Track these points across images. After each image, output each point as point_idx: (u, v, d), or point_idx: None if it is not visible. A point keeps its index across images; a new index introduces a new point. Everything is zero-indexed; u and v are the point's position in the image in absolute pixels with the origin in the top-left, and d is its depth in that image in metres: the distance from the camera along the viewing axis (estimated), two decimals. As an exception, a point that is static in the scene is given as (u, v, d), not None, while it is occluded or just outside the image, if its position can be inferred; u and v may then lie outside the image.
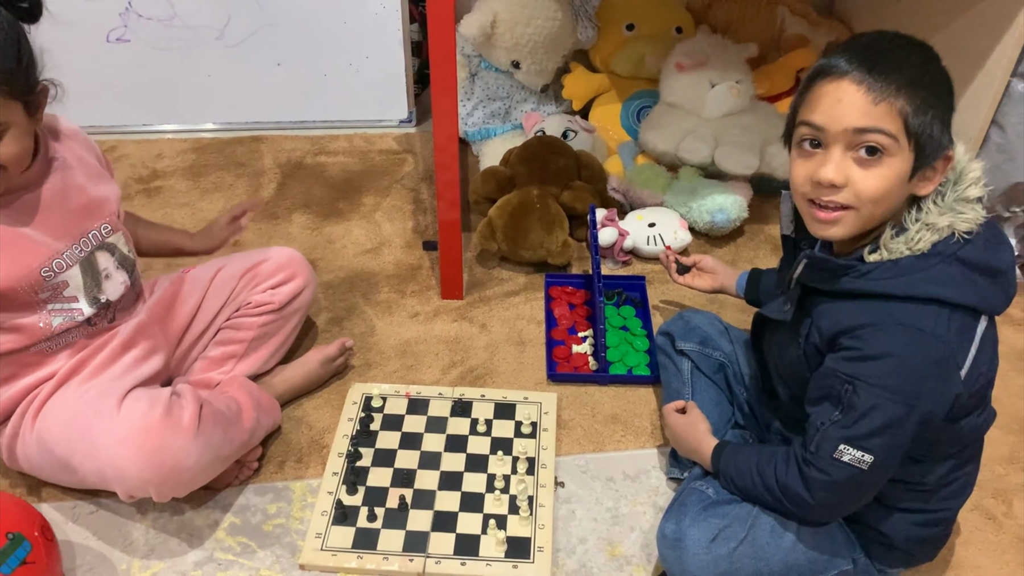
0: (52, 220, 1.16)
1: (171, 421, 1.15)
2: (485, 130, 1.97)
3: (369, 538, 1.23)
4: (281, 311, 1.41)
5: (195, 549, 1.23)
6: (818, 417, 1.00)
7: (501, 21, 1.85)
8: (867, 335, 0.95)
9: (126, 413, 1.16)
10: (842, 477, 0.98)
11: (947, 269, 0.95)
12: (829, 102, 0.94)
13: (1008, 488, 1.35)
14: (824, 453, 0.99)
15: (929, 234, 0.95)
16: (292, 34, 1.99)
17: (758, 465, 1.08)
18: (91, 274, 1.22)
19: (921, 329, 0.93)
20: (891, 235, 0.96)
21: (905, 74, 0.92)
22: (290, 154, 2.04)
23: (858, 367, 0.96)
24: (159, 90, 2.05)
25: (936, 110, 0.92)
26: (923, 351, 0.94)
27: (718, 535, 1.06)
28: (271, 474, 1.34)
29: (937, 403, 0.96)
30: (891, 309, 0.95)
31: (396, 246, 1.78)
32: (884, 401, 0.94)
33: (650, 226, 1.71)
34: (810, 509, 1.03)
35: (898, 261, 0.95)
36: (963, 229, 0.95)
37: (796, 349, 1.06)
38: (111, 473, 1.13)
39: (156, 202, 1.88)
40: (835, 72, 0.93)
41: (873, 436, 0.96)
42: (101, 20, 1.95)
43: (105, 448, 1.13)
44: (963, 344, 0.95)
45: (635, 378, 1.49)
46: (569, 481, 1.34)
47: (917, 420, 0.95)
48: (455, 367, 1.52)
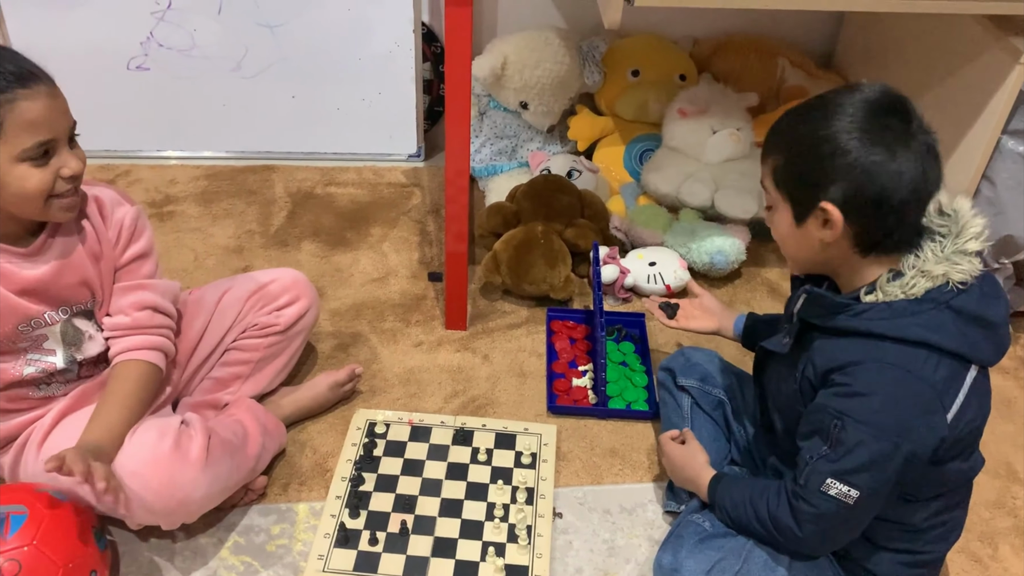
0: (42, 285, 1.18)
1: (180, 454, 1.17)
2: (492, 167, 2.02)
3: (370, 561, 1.26)
4: (286, 332, 1.45)
5: (200, 568, 1.26)
6: (808, 451, 1.04)
7: (511, 63, 1.91)
8: (857, 372, 1.00)
9: (135, 445, 1.17)
10: (829, 510, 1.02)
11: (939, 315, 0.99)
12: None
13: (994, 532, 1.38)
14: (812, 486, 1.02)
15: (924, 280, 0.99)
16: (307, 68, 2.05)
17: (751, 498, 1.11)
18: (72, 333, 1.23)
19: (909, 370, 0.98)
20: (887, 278, 1.01)
21: (774, 138, 1.07)
22: (301, 184, 2.09)
23: (847, 403, 1.00)
24: (175, 117, 2.10)
25: (796, 168, 1.03)
26: (909, 391, 0.98)
27: (713, 567, 1.09)
28: (275, 495, 1.36)
29: (922, 444, 0.99)
30: (882, 349, 0.99)
31: (402, 276, 1.82)
32: (870, 438, 0.99)
33: (651, 265, 1.75)
34: (799, 541, 1.07)
35: (892, 304, 1.00)
36: (957, 279, 0.99)
37: (792, 383, 1.10)
38: (119, 504, 1.15)
39: (168, 226, 1.92)
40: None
41: (859, 472, 1.00)
42: (123, 49, 2.00)
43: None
44: (950, 389, 0.99)
45: (634, 413, 1.52)
46: (567, 512, 1.36)
47: (902, 459, 0.99)
48: (457, 396, 1.55)
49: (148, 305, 1.26)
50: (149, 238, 1.29)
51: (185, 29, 1.99)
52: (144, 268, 1.28)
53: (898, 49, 1.83)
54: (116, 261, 1.25)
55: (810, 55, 2.14)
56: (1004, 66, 1.45)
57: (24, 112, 1.05)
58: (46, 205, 1.12)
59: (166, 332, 1.29)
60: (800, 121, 1.03)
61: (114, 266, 1.25)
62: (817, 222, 1.02)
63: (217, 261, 1.83)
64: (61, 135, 1.10)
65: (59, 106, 1.10)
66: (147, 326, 1.26)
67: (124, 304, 1.25)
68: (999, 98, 1.47)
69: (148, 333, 1.25)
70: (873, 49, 1.96)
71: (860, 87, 1.01)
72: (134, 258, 1.26)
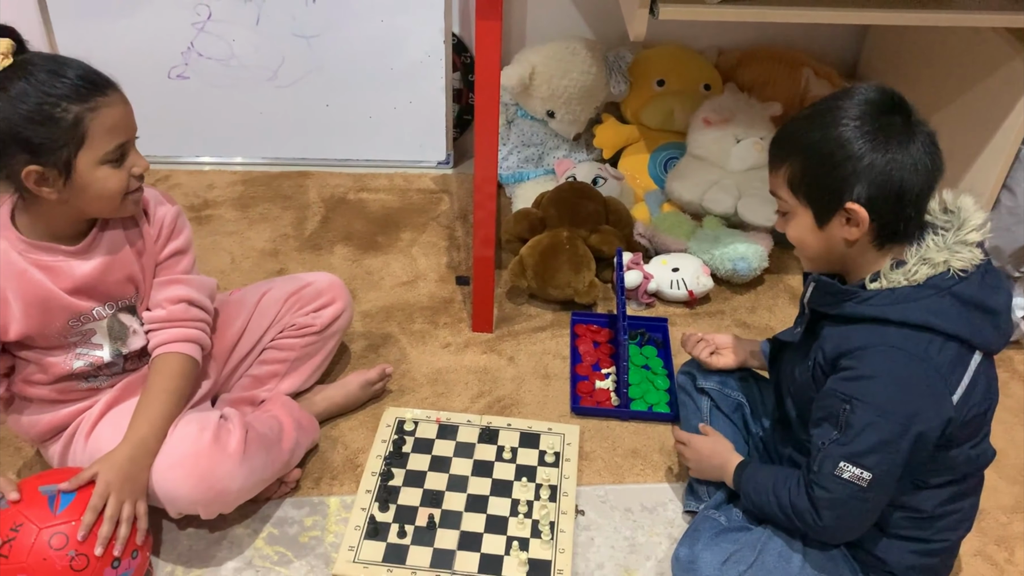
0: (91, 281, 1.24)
1: (219, 447, 1.23)
2: (519, 174, 2.07)
3: (399, 553, 1.30)
4: (322, 333, 1.50)
5: (235, 557, 1.31)
6: (820, 438, 1.08)
7: (539, 73, 1.96)
8: (864, 356, 1.04)
9: (177, 437, 1.23)
10: (844, 494, 1.06)
11: (940, 301, 1.03)
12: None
13: (1011, 536, 1.40)
14: (826, 471, 1.07)
15: (926, 268, 1.04)
16: (341, 77, 2.12)
17: (774, 485, 1.15)
18: (118, 328, 1.29)
19: (913, 353, 1.02)
20: (890, 266, 1.06)
21: (786, 147, 1.11)
22: (334, 189, 2.15)
23: (854, 386, 1.05)
24: (214, 125, 2.17)
25: (815, 173, 1.07)
26: (914, 373, 1.02)
27: (729, 558, 1.13)
28: (308, 489, 1.42)
29: (929, 425, 1.03)
30: (887, 333, 1.04)
31: (431, 280, 1.87)
32: (879, 419, 1.03)
33: (674, 271, 1.79)
34: (820, 530, 1.10)
35: (895, 289, 1.05)
36: (958, 267, 1.04)
37: (805, 372, 1.15)
38: (163, 494, 1.21)
39: (206, 230, 1.99)
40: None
41: (870, 453, 1.04)
42: (164, 58, 2.08)
43: (158, 471, 1.21)
44: (955, 372, 1.04)
45: (655, 415, 1.56)
46: (589, 510, 1.40)
47: (911, 440, 1.03)
48: (483, 396, 1.60)
49: (183, 299, 1.32)
50: (187, 236, 1.35)
51: (224, 40, 2.06)
52: (181, 264, 1.33)
53: (921, 60, 1.86)
54: (156, 257, 1.31)
55: (835, 66, 2.17)
56: (1022, 77, 1.47)
57: (105, 119, 1.12)
58: (122, 202, 1.19)
59: (201, 325, 1.34)
60: (808, 128, 1.07)
61: (155, 262, 1.31)
62: (840, 222, 1.07)
63: (253, 264, 1.89)
64: (133, 137, 1.18)
65: (130, 111, 1.18)
66: (182, 319, 1.32)
67: (161, 298, 1.31)
68: (1019, 109, 1.49)
69: (183, 326, 1.31)
70: (897, 60, 1.99)
71: (857, 90, 1.06)
72: (172, 254, 1.32)
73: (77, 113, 1.10)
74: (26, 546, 1.06)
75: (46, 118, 1.09)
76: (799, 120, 1.11)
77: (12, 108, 1.08)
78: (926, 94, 1.82)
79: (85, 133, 1.11)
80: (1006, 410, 1.62)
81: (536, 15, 2.13)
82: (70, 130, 1.10)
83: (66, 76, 1.10)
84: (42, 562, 1.06)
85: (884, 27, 2.04)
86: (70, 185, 1.14)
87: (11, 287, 1.18)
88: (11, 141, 1.09)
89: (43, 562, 1.06)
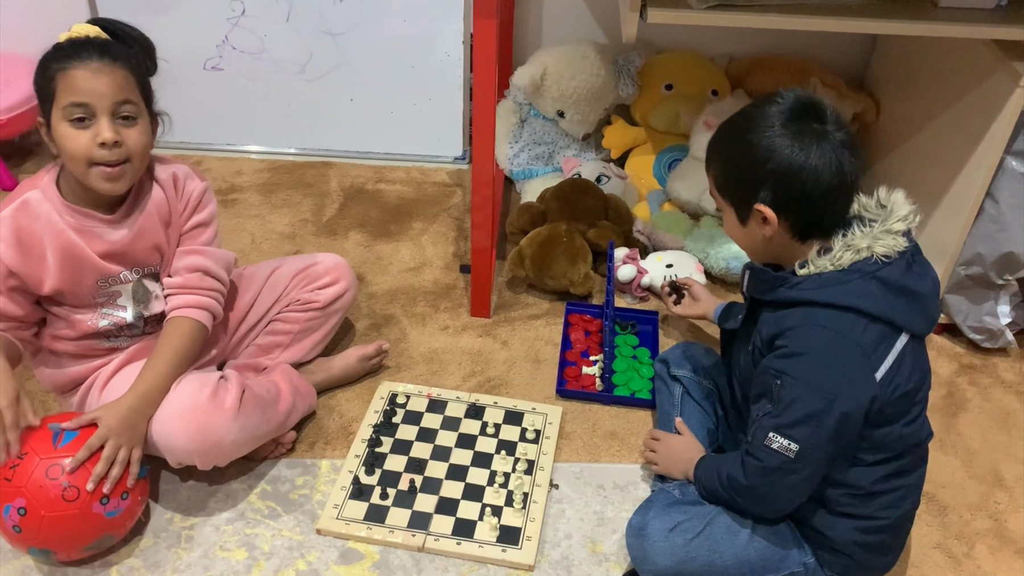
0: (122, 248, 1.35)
1: (216, 403, 1.33)
2: (528, 170, 2.16)
3: (379, 513, 1.40)
4: (325, 309, 1.60)
5: (230, 508, 1.42)
6: (756, 411, 1.16)
7: (550, 74, 2.04)
8: (793, 335, 1.12)
9: (178, 393, 1.34)
10: (773, 464, 1.13)
11: (865, 284, 1.10)
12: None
13: (972, 532, 1.44)
14: (757, 441, 1.14)
15: (850, 253, 1.11)
16: (365, 74, 2.23)
17: (719, 466, 1.23)
18: (142, 292, 1.41)
19: (838, 332, 1.09)
20: (817, 253, 1.13)
21: (711, 153, 1.20)
22: (353, 180, 2.26)
23: (785, 363, 1.12)
24: (244, 115, 2.30)
25: (731, 177, 1.17)
26: (839, 351, 1.09)
27: (676, 526, 1.20)
28: (302, 452, 1.52)
29: (853, 400, 1.09)
30: (814, 314, 1.11)
31: (436, 267, 1.96)
32: (805, 393, 1.10)
33: (668, 267, 1.86)
34: (747, 492, 1.17)
35: (822, 274, 1.12)
36: (880, 252, 1.11)
37: (747, 356, 1.22)
38: (163, 443, 1.32)
39: (231, 212, 2.11)
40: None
41: (796, 425, 1.10)
42: (200, 51, 2.22)
43: (159, 421, 1.31)
44: (877, 350, 1.10)
45: (637, 401, 1.63)
46: (563, 484, 1.48)
47: (837, 415, 1.09)
48: (474, 376, 1.68)
49: (200, 268, 1.42)
50: (212, 211, 1.45)
51: (257, 34, 2.19)
52: (203, 236, 1.44)
53: (921, 71, 1.90)
54: (180, 228, 1.42)
55: (843, 75, 2.21)
56: (1006, 89, 1.51)
57: (72, 79, 1.24)
58: (88, 171, 1.26)
59: (215, 295, 1.44)
60: (729, 134, 1.17)
61: (179, 232, 1.42)
62: (757, 220, 1.15)
63: (272, 245, 2.01)
64: (101, 105, 1.24)
65: (107, 80, 1.24)
66: (197, 287, 1.42)
67: (180, 266, 1.42)
68: (1001, 119, 1.53)
69: (198, 293, 1.42)
70: (901, 71, 2.03)
71: (778, 96, 1.14)
72: (195, 226, 1.43)
73: (54, 69, 1.24)
74: (27, 472, 1.19)
75: (40, 72, 1.26)
76: (724, 125, 1.20)
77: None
78: (923, 105, 1.86)
79: (55, 89, 1.24)
80: (985, 414, 1.66)
81: (553, 19, 2.22)
82: (47, 84, 1.25)
83: (76, 42, 1.26)
84: (38, 488, 1.18)
85: (892, 39, 2.08)
86: (52, 140, 1.28)
87: (50, 245, 1.30)
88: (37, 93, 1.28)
89: (39, 488, 1.18)
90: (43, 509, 1.19)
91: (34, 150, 2.29)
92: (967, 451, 1.58)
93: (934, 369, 1.75)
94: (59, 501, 1.19)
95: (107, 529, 1.25)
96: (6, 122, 2.07)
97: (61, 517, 1.19)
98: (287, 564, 1.33)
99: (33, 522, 1.19)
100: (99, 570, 1.31)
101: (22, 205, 1.30)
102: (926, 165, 1.82)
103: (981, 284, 1.70)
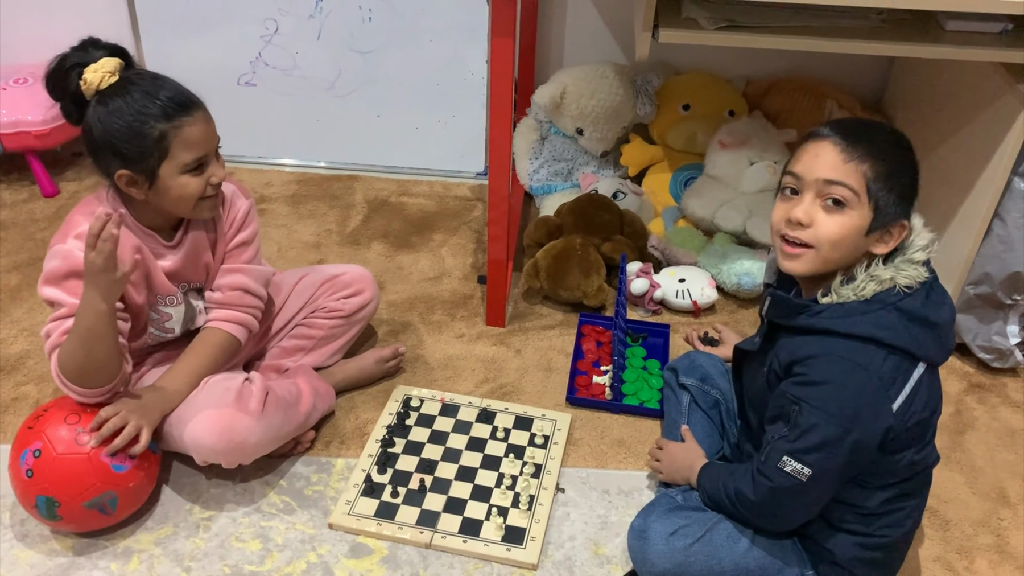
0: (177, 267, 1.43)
1: (240, 405, 1.39)
2: (548, 186, 2.21)
3: (389, 510, 1.44)
4: (348, 318, 1.66)
5: (246, 503, 1.47)
6: (771, 433, 1.17)
7: (569, 93, 2.10)
8: (813, 363, 1.13)
9: (205, 395, 1.41)
10: (783, 485, 1.15)
11: (887, 315, 1.11)
12: (809, 156, 1.15)
13: (974, 547, 1.45)
14: (771, 462, 1.16)
15: (873, 284, 1.13)
16: (392, 90, 2.31)
17: (725, 477, 1.25)
18: (190, 311, 1.48)
19: (858, 363, 1.11)
20: (840, 282, 1.15)
21: (875, 147, 1.12)
22: (378, 192, 2.33)
23: (804, 390, 1.14)
24: (275, 129, 2.39)
25: (896, 183, 1.12)
26: (858, 381, 1.11)
27: (677, 530, 1.23)
28: (319, 451, 1.57)
29: (869, 431, 1.11)
30: (835, 344, 1.12)
31: (455, 277, 2.02)
32: (822, 422, 1.11)
33: (680, 281, 1.90)
34: (753, 507, 1.20)
35: (845, 304, 1.13)
36: (903, 283, 1.12)
37: (762, 378, 1.24)
38: (191, 443, 1.38)
39: (259, 222, 2.18)
40: (819, 135, 1.16)
41: (811, 451, 1.12)
42: (235, 66, 2.31)
43: (186, 423, 1.38)
44: (896, 381, 1.11)
45: (645, 410, 1.66)
46: (570, 489, 1.52)
47: (851, 444, 1.11)
48: (487, 383, 1.73)
49: (241, 287, 1.49)
50: (255, 229, 1.52)
51: (288, 52, 2.28)
52: (245, 254, 1.51)
53: (935, 94, 1.93)
54: (226, 246, 1.49)
55: (861, 98, 2.25)
56: (1013, 110, 1.54)
57: (187, 135, 1.30)
58: (197, 206, 1.35)
59: (253, 311, 1.52)
60: (899, 143, 1.15)
61: (224, 250, 1.49)
62: (882, 234, 1.14)
63: (297, 254, 2.08)
64: (212, 150, 1.35)
65: (211, 128, 1.35)
66: (237, 304, 1.49)
67: (222, 283, 1.49)
68: (1008, 140, 1.56)
69: (237, 310, 1.49)
70: (916, 94, 2.06)
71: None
72: (239, 244, 1.50)
73: (162, 130, 1.28)
74: (49, 421, 1.33)
75: (135, 133, 1.27)
76: (895, 130, 1.18)
77: (109, 121, 1.28)
78: (936, 126, 1.89)
79: (168, 147, 1.29)
80: (991, 432, 1.67)
81: (575, 40, 2.28)
82: (155, 144, 1.28)
83: (158, 97, 1.28)
84: (56, 432, 1.32)
85: (908, 62, 2.12)
86: (154, 189, 1.32)
87: (129, 258, 1.33)
88: (107, 149, 1.29)
89: (56, 432, 1.32)
90: (56, 449, 1.29)
91: (74, 160, 2.39)
92: (972, 468, 1.59)
93: (944, 389, 1.75)
94: (71, 443, 1.30)
95: (111, 484, 1.32)
96: (49, 132, 2.18)
97: (71, 459, 1.29)
98: (299, 556, 1.39)
99: (45, 464, 1.29)
100: (121, 556, 1.37)
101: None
102: (938, 186, 1.84)
103: (990, 304, 1.71)
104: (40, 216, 2.17)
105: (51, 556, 1.37)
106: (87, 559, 1.37)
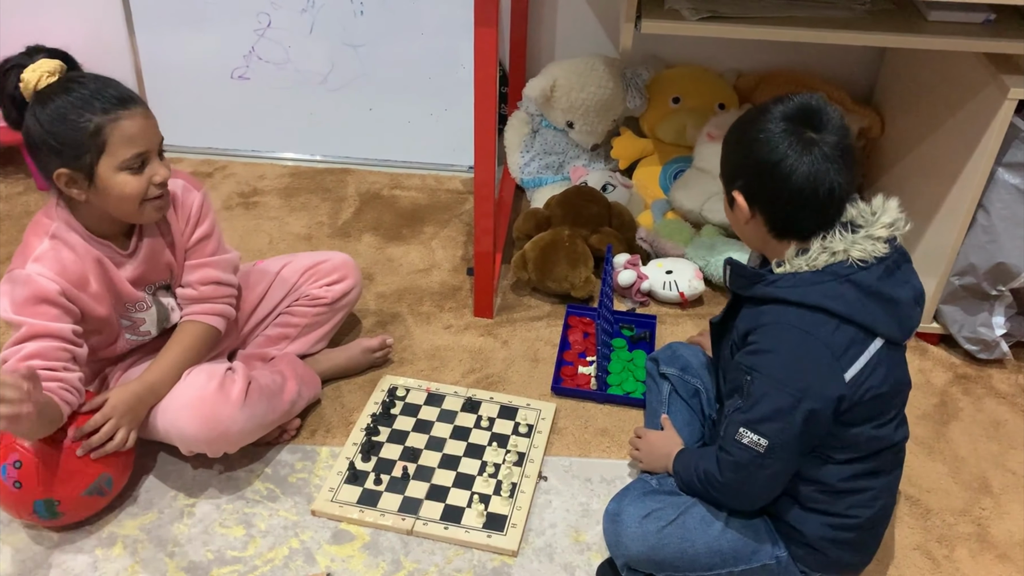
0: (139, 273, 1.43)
1: (223, 394, 1.40)
2: (538, 179, 2.22)
3: (372, 497, 1.46)
4: (332, 305, 1.67)
5: (231, 490, 1.48)
6: (729, 407, 1.19)
7: (559, 86, 2.11)
8: (764, 332, 1.16)
9: (187, 384, 1.42)
10: (743, 458, 1.16)
11: (838, 287, 1.13)
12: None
13: (954, 536, 1.45)
14: (729, 436, 1.17)
15: (825, 255, 1.14)
16: (384, 84, 2.32)
17: (696, 461, 1.26)
18: (163, 312, 1.49)
19: (807, 331, 1.12)
20: (794, 253, 1.16)
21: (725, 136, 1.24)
22: (370, 185, 2.34)
23: (754, 359, 1.16)
24: (269, 122, 2.40)
25: (726, 162, 1.22)
26: (807, 350, 1.12)
27: (651, 513, 1.24)
28: (304, 439, 1.59)
29: (820, 399, 1.12)
30: (786, 312, 1.14)
31: (444, 269, 2.03)
32: (773, 390, 1.13)
33: (667, 273, 1.90)
34: (721, 487, 1.21)
35: (797, 274, 1.15)
36: (856, 256, 1.13)
37: (727, 349, 1.26)
38: (173, 433, 1.40)
39: (251, 214, 2.20)
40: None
41: (765, 421, 1.14)
42: (228, 60, 2.32)
43: (169, 412, 1.40)
44: (849, 352, 1.12)
45: (630, 400, 1.67)
46: (552, 477, 1.53)
47: (804, 413, 1.12)
48: (473, 373, 1.74)
49: (213, 280, 1.50)
50: (212, 219, 1.51)
51: (282, 46, 2.29)
52: (208, 247, 1.50)
53: (922, 86, 1.93)
54: (185, 243, 1.48)
55: (852, 90, 2.24)
56: (995, 101, 1.54)
57: (125, 130, 1.28)
58: (140, 207, 1.33)
59: (229, 300, 1.53)
60: (736, 122, 1.21)
61: (184, 247, 1.49)
62: (736, 206, 1.20)
63: (288, 245, 2.09)
64: (153, 148, 1.33)
65: (151, 125, 1.32)
66: (212, 297, 1.51)
67: (193, 279, 1.50)
68: (991, 131, 1.56)
69: (213, 302, 1.50)
70: (904, 86, 2.06)
71: (785, 99, 1.16)
72: (200, 239, 1.49)
73: (98, 123, 1.25)
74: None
75: (71, 127, 1.25)
76: (738, 119, 1.23)
77: (45, 118, 1.25)
78: (925, 119, 1.89)
79: (105, 141, 1.26)
80: (976, 423, 1.67)
81: (566, 34, 2.29)
82: (91, 138, 1.25)
83: (95, 93, 1.26)
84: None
85: (898, 56, 2.11)
86: (94, 188, 1.29)
87: (91, 272, 1.36)
88: (44, 147, 1.27)
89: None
90: (38, 454, 1.30)
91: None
92: (955, 458, 1.59)
93: (929, 379, 1.77)
94: (50, 442, 1.30)
95: (103, 466, 1.34)
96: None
97: (58, 457, 1.30)
98: (281, 542, 1.40)
99: (29, 471, 1.29)
100: (105, 541, 1.39)
101: (55, 239, 1.33)
102: (924, 177, 1.85)
103: (975, 295, 1.72)
104: (35, 209, 2.19)
105: (35, 541, 1.39)
106: (71, 544, 1.38)
